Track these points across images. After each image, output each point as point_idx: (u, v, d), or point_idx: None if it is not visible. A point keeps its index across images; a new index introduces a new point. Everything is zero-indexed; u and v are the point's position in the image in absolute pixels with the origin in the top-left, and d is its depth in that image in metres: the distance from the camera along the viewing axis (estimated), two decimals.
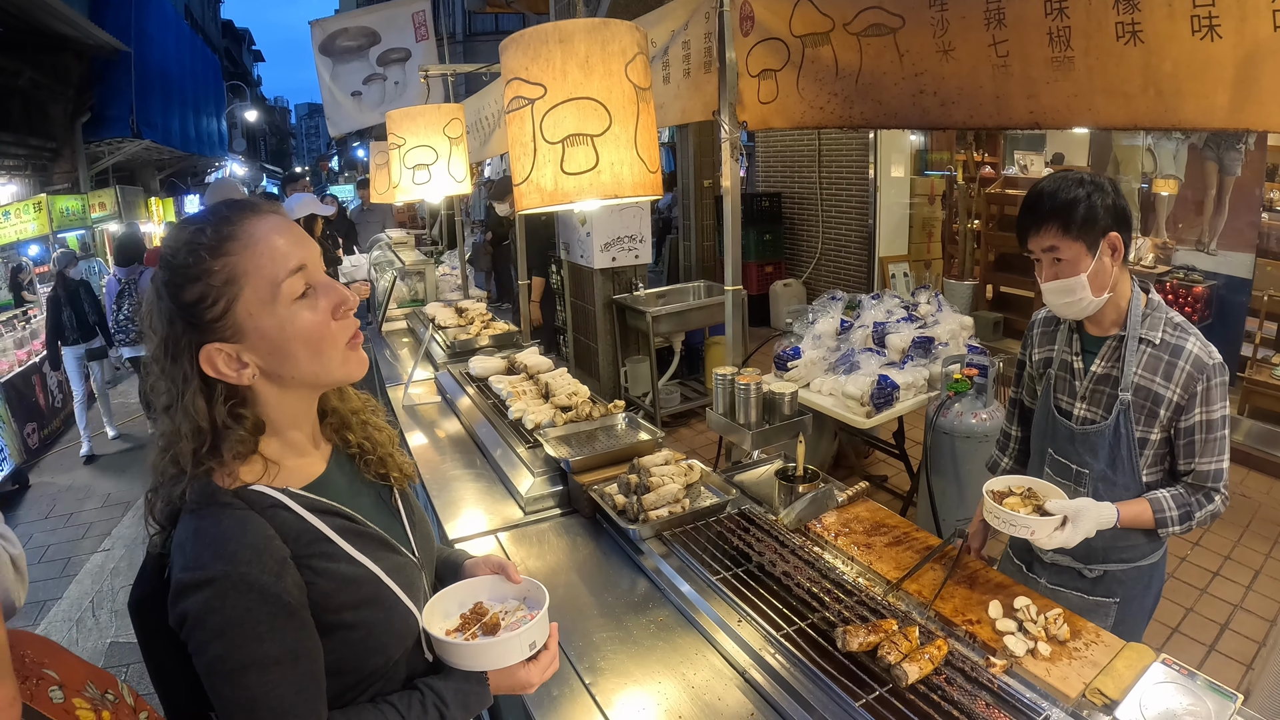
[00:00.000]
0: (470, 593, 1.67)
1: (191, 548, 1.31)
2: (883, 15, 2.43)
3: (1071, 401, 2.51)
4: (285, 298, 1.39)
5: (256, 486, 1.40)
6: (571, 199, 2.03)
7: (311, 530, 1.42)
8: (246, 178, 35.90)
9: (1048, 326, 2.65)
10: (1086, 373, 2.45)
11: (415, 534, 1.70)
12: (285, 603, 1.32)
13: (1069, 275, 2.27)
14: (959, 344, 5.32)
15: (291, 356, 1.41)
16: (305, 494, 1.46)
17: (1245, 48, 1.64)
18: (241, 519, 1.34)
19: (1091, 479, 2.46)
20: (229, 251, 1.35)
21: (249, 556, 1.30)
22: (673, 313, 7.39)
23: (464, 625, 1.58)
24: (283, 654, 1.31)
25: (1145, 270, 7.76)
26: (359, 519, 1.52)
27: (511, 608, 1.65)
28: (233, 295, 1.35)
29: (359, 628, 1.44)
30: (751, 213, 11.63)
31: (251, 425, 1.42)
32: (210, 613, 1.27)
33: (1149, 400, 2.31)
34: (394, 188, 4.21)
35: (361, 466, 1.67)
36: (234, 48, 39.11)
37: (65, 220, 12.60)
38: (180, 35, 19.47)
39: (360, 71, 10.36)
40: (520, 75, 2.01)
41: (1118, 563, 2.49)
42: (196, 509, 1.35)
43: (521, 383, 4.07)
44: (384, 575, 1.49)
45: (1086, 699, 1.83)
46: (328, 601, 1.40)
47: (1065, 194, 2.24)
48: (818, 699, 1.86)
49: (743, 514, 2.72)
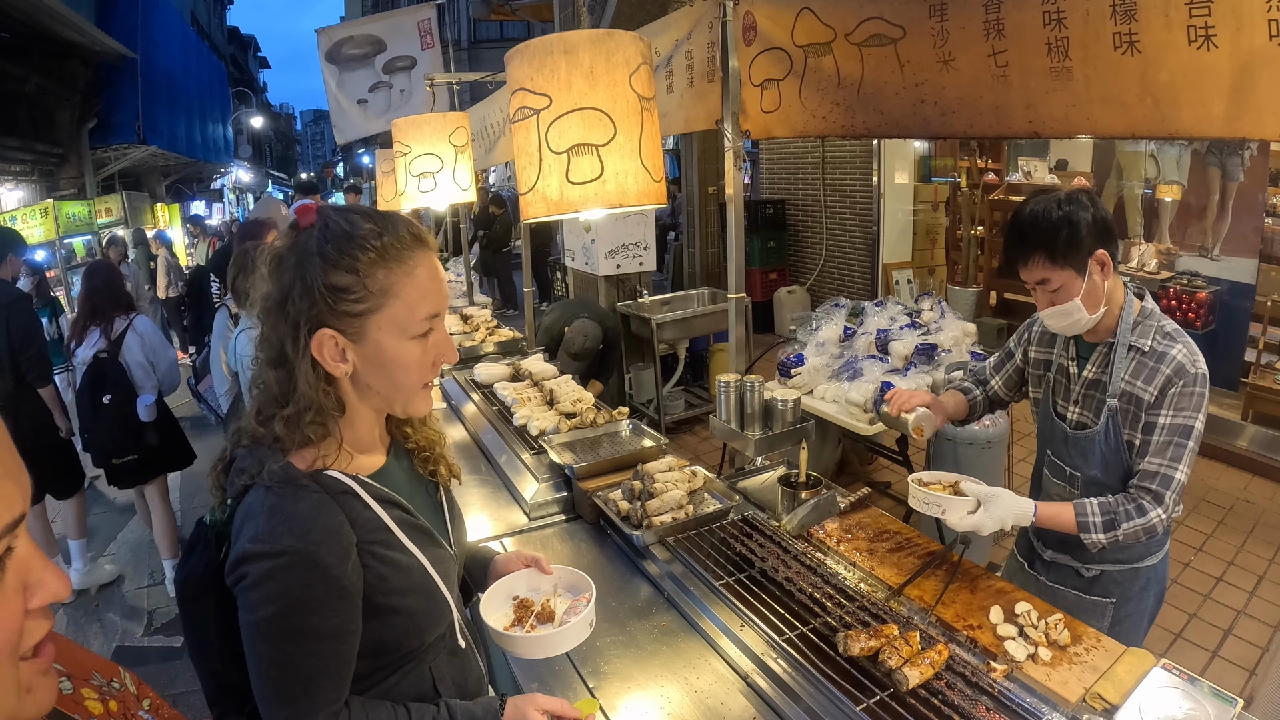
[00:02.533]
0: (509, 589, 1.76)
1: (266, 521, 1.39)
2: (884, 26, 2.45)
3: (1066, 405, 2.54)
4: (413, 331, 1.48)
5: (331, 472, 1.49)
6: (577, 208, 2.06)
7: (376, 519, 1.51)
8: (252, 184, 35.97)
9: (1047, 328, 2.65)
10: (1079, 377, 2.48)
11: (454, 528, 1.79)
12: (343, 586, 1.40)
13: (1064, 301, 2.30)
14: (962, 351, 5.32)
15: (384, 376, 1.50)
16: (373, 484, 1.54)
17: (1241, 57, 1.66)
18: (319, 501, 1.43)
19: (1083, 481, 2.48)
20: (392, 269, 1.45)
21: (321, 538, 1.39)
22: (677, 320, 7.40)
23: (519, 619, 1.66)
24: (326, 631, 1.39)
25: (1149, 276, 7.77)
26: (414, 511, 1.60)
27: (552, 594, 1.70)
28: (377, 305, 1.44)
29: (403, 613, 1.52)
30: (755, 219, 11.65)
31: (336, 405, 1.50)
32: (271, 579, 1.35)
33: (1133, 405, 2.32)
34: (400, 195, 4.23)
35: (418, 463, 1.76)
36: (240, 54, 39.23)
37: (71, 226, 12.64)
38: (186, 42, 19.51)
39: (366, 79, 10.41)
40: (526, 85, 2.03)
41: (1114, 563, 2.50)
42: (274, 486, 1.42)
43: (526, 389, 4.09)
44: (429, 566, 1.58)
45: (1087, 704, 1.84)
46: (382, 585, 1.48)
47: (1044, 222, 2.24)
48: (819, 703, 1.87)
49: (746, 520, 2.74)
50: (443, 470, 1.79)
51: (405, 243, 1.47)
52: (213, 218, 25.49)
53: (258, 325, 1.53)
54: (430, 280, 1.49)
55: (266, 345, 1.49)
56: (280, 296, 1.45)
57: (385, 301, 1.44)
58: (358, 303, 1.43)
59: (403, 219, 1.53)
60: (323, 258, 1.42)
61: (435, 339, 1.53)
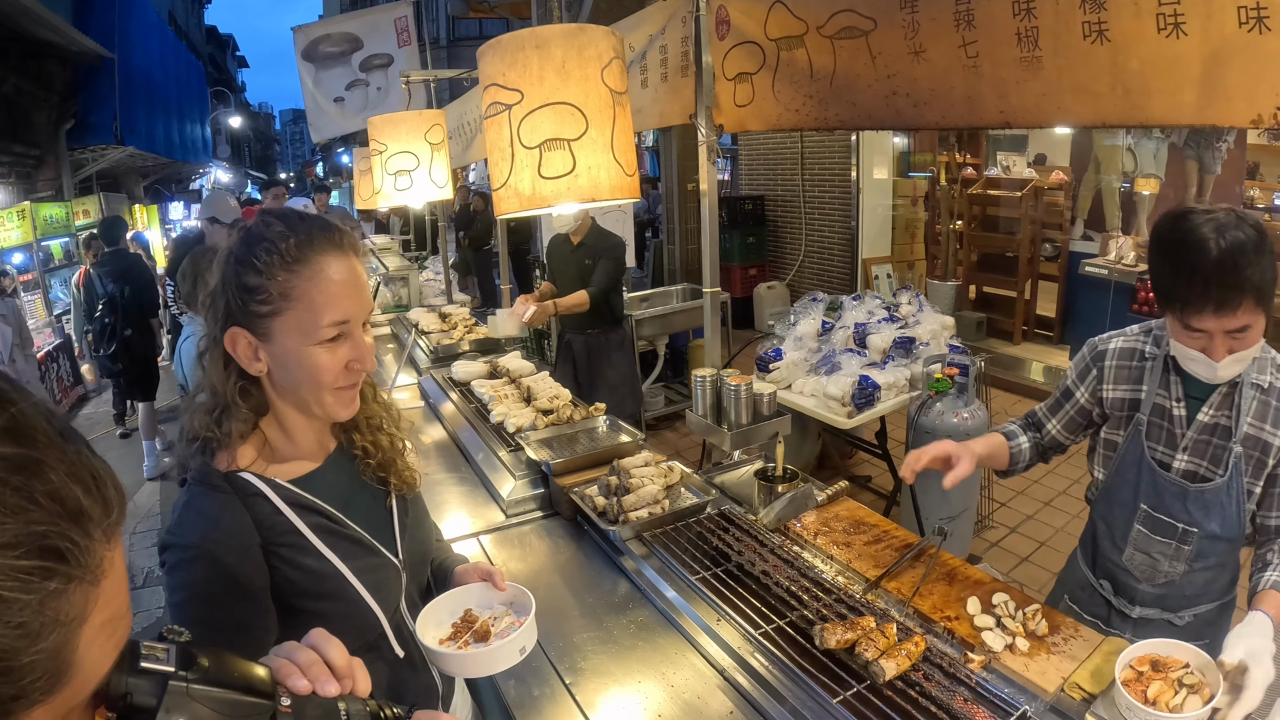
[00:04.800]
0: (459, 601, 1.71)
1: (178, 515, 1.46)
2: (855, 18, 2.44)
3: (1171, 454, 2.19)
4: (317, 337, 1.48)
5: (245, 474, 1.51)
6: (549, 203, 2.05)
7: (286, 523, 1.52)
8: (231, 184, 35.74)
9: (1126, 361, 2.29)
10: (1191, 421, 2.15)
11: (405, 538, 1.76)
12: (243, 584, 1.44)
13: (1250, 344, 1.96)
14: (940, 344, 5.35)
15: (293, 378, 1.51)
16: (289, 487, 1.55)
17: (1211, 45, 1.66)
18: (224, 502, 1.46)
19: (1200, 538, 2.17)
20: (297, 272, 1.45)
21: (220, 537, 1.43)
22: (656, 316, 7.42)
23: (456, 634, 1.62)
24: (229, 625, 1.43)
25: (1126, 268, 7.82)
26: (338, 518, 1.60)
27: (500, 613, 1.68)
28: (280, 308, 1.45)
29: (318, 616, 1.50)
30: (735, 215, 11.69)
31: (254, 405, 1.54)
32: (180, 569, 1.42)
33: (1258, 449, 2.06)
34: (376, 194, 4.21)
35: (364, 469, 1.75)
36: (218, 54, 38.94)
37: (49, 228, 12.51)
38: (164, 41, 19.33)
39: (343, 77, 10.37)
40: (498, 81, 2.02)
41: (1207, 604, 2.29)
42: (193, 483, 1.48)
43: (503, 387, 4.07)
44: (350, 574, 1.57)
45: (1065, 693, 1.84)
46: (291, 588, 1.51)
47: (1252, 260, 1.83)
48: (796, 696, 1.87)
49: (722, 514, 2.73)
50: (394, 480, 1.78)
51: (314, 245, 1.47)
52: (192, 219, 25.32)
53: (202, 327, 1.56)
54: (341, 286, 1.49)
55: (202, 342, 1.55)
56: (208, 294, 1.50)
57: (288, 305, 1.45)
58: (263, 304, 1.45)
59: (323, 222, 1.54)
60: (237, 258, 1.47)
61: (346, 346, 1.52)
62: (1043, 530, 5.65)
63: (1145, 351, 2.24)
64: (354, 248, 1.55)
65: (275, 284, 1.43)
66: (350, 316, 1.51)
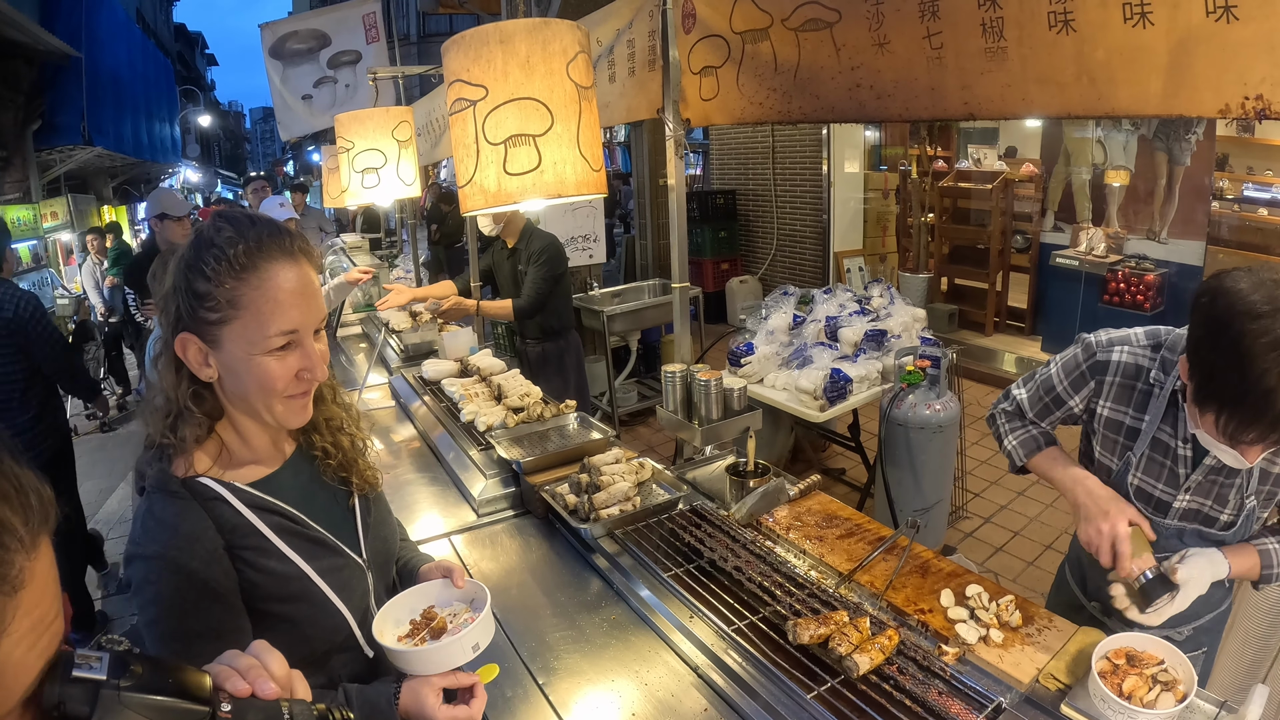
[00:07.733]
0: (421, 599, 1.69)
1: (139, 525, 1.44)
2: (820, 10, 2.44)
3: (1172, 493, 2.03)
4: (265, 346, 1.46)
5: (204, 479, 1.49)
6: (515, 199, 2.04)
7: (246, 525, 1.51)
8: (201, 183, 35.48)
9: (1130, 380, 2.07)
10: (1197, 464, 1.97)
11: (369, 538, 1.76)
12: (212, 589, 1.43)
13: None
14: (912, 336, 5.35)
15: (243, 386, 1.50)
16: (249, 490, 1.54)
17: (1178, 34, 1.66)
18: (183, 508, 1.44)
19: None
20: (245, 280, 1.43)
21: (182, 543, 1.41)
22: (628, 311, 7.41)
23: (414, 631, 1.61)
24: (205, 631, 1.42)
25: (1097, 259, 7.87)
26: (300, 519, 1.59)
27: (458, 610, 1.66)
28: (229, 316, 1.43)
29: (286, 619, 1.53)
30: (707, 210, 11.72)
31: (208, 410, 1.53)
32: (147, 584, 1.40)
33: (1269, 483, 1.95)
34: (344, 192, 4.18)
35: (324, 470, 1.74)
36: (187, 52, 38.61)
37: (17, 231, 12.35)
38: (132, 40, 19.10)
39: (311, 74, 10.29)
40: (462, 77, 2.01)
41: (1207, 614, 2.21)
42: (151, 491, 1.46)
43: (474, 385, 4.05)
44: (315, 575, 1.57)
45: (1040, 684, 1.84)
46: (256, 591, 1.50)
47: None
48: (770, 693, 1.86)
49: (694, 510, 2.72)
50: (355, 479, 1.77)
51: (263, 252, 1.45)
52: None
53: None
54: (290, 295, 1.46)
55: (157, 345, 1.53)
56: (161, 297, 1.49)
57: (236, 314, 1.43)
58: (212, 311, 1.43)
59: (274, 227, 1.51)
60: (188, 263, 1.45)
61: (296, 354, 1.50)
62: (1016, 520, 5.69)
63: (1151, 375, 2.02)
64: (306, 254, 1.53)
65: (223, 291, 1.41)
66: (299, 326, 1.49)
